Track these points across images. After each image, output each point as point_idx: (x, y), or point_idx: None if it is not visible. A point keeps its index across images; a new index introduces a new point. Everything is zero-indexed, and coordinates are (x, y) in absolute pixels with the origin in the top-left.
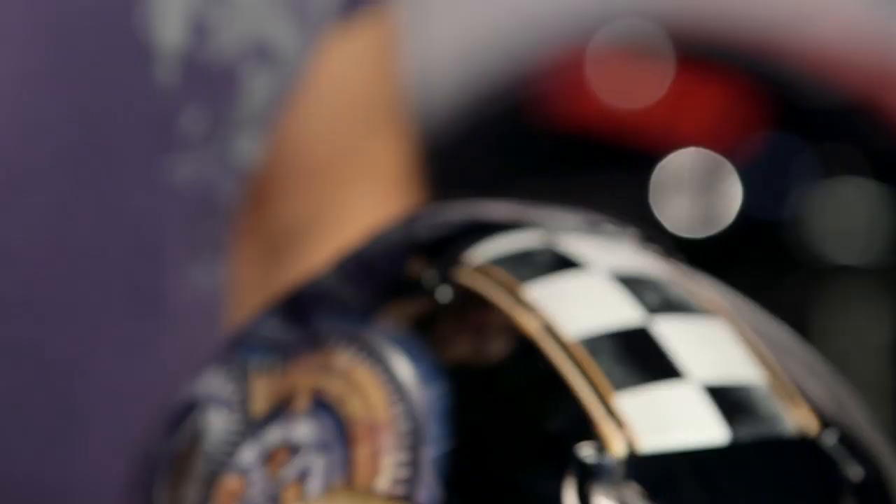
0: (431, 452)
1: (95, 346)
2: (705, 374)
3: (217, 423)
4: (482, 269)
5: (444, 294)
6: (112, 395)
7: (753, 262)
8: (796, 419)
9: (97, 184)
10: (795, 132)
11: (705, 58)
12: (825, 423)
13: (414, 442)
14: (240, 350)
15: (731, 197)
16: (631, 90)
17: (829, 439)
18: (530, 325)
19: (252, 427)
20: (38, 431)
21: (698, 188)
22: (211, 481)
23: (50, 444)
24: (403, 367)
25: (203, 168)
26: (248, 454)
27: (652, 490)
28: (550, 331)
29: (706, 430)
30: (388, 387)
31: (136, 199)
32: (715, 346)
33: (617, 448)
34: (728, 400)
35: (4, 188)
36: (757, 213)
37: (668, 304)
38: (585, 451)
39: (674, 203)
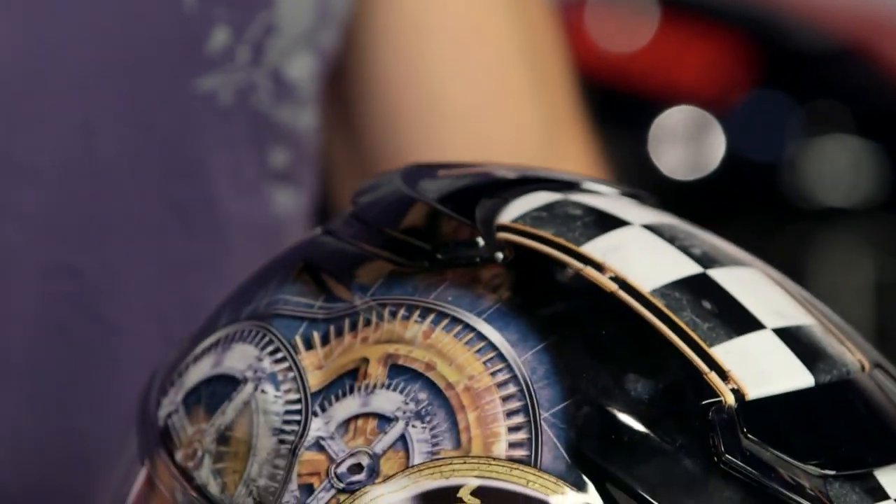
0: (545, 413)
1: (133, 264)
2: (773, 321)
3: (269, 399)
4: (528, 228)
5: (502, 256)
6: (153, 311)
7: (742, 206)
8: (851, 357)
9: (124, 102)
10: (784, 88)
11: (696, 9)
12: (867, 358)
13: (524, 405)
14: (273, 323)
15: (720, 145)
16: (624, 38)
17: (879, 372)
18: (604, 281)
19: (315, 400)
20: (75, 349)
21: (690, 139)
22: (284, 458)
23: (87, 362)
24: (491, 332)
25: (249, 90)
26: (322, 428)
27: (763, 436)
28: (626, 286)
29: (796, 376)
30: (482, 352)
31: (167, 117)
32: (763, 293)
33: (728, 398)
34: (800, 345)
35: (29, 109)
36: (745, 160)
37: (709, 256)
38: (705, 402)
39: (668, 152)
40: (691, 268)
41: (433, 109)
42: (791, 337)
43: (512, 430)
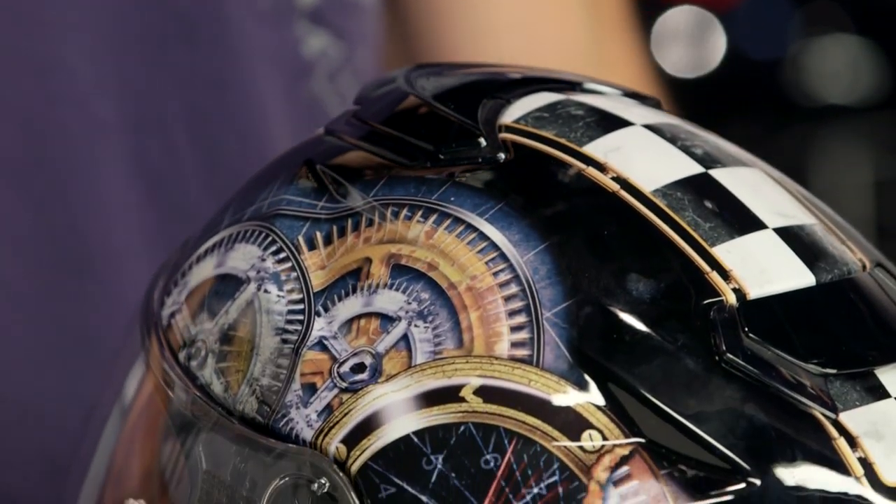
0: (546, 313)
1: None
2: (774, 221)
3: (272, 299)
4: (530, 129)
5: (504, 156)
6: (153, 114)
7: (742, 105)
8: (851, 256)
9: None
10: None
11: None
12: (868, 257)
13: (526, 304)
14: (276, 223)
15: (721, 44)
16: None
17: (880, 271)
18: (606, 181)
19: (317, 300)
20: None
21: (692, 38)
22: (287, 357)
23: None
24: (493, 232)
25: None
26: (324, 328)
27: (764, 335)
28: (627, 186)
29: (797, 275)
30: (484, 252)
31: None
32: (765, 193)
33: (730, 297)
34: (801, 244)
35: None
36: (746, 59)
37: (711, 156)
38: (706, 301)
39: (670, 51)
40: (693, 168)
41: (480, 9)
42: (792, 236)
43: (514, 329)
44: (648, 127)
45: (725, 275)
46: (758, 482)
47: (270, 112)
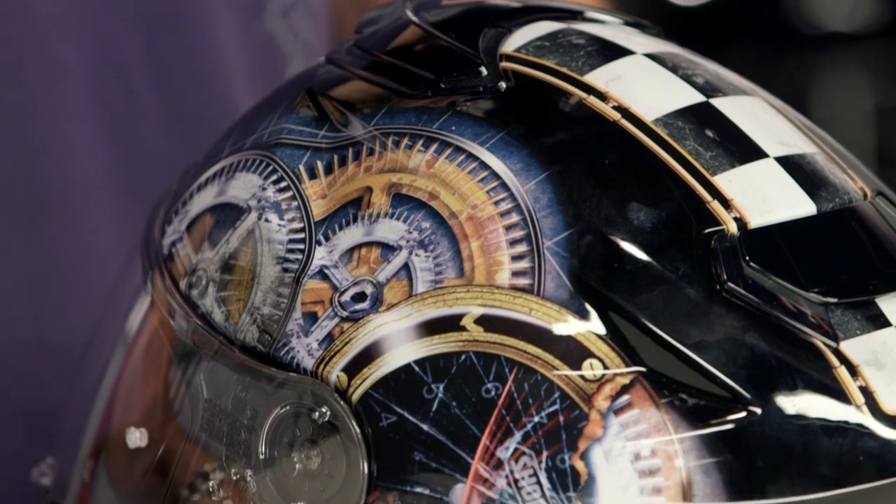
0: (548, 242)
1: None
2: (775, 150)
3: (273, 228)
4: (531, 58)
5: (505, 85)
6: None
7: (743, 33)
8: (853, 185)
9: None
10: None
11: None
12: (868, 186)
13: (527, 234)
14: (276, 152)
15: None
16: None
17: (881, 200)
18: (607, 111)
19: (318, 229)
20: None
21: None
22: (287, 286)
23: None
24: (494, 161)
25: None
26: (325, 257)
27: (765, 264)
28: (629, 115)
29: (798, 204)
30: (485, 181)
31: None
32: (766, 122)
33: (731, 227)
34: (803, 173)
35: None
36: None
37: (712, 85)
38: (708, 231)
39: None
40: (694, 96)
41: None
42: (793, 165)
43: (515, 258)
44: (649, 56)
45: (726, 204)
46: (758, 411)
47: (227, 51)
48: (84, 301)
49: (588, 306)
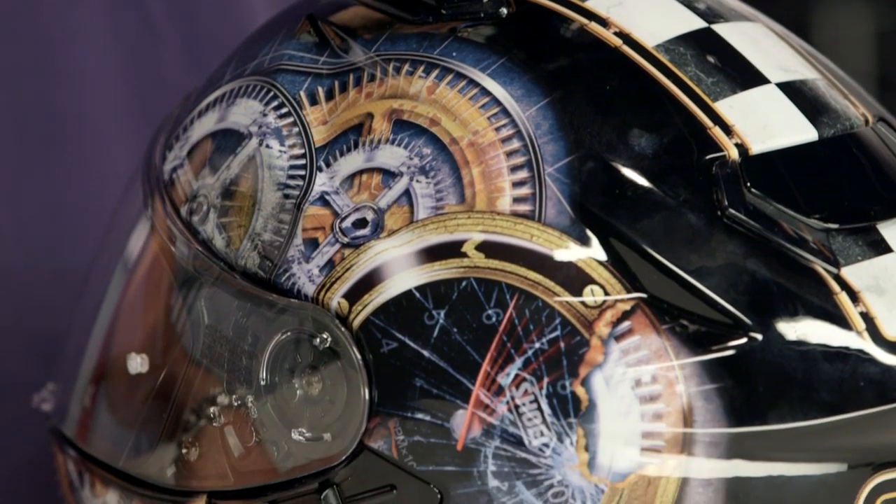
0: (549, 168)
1: None
2: (777, 76)
3: (273, 154)
4: None
5: (506, 11)
6: None
7: None
8: (854, 111)
9: None
10: None
11: None
12: (870, 111)
13: (528, 160)
14: (277, 78)
15: None
16: None
17: (882, 126)
18: (609, 37)
19: (319, 155)
20: None
21: None
22: (288, 212)
23: None
24: (495, 87)
25: None
26: (326, 183)
27: (766, 190)
28: (630, 41)
29: (799, 130)
30: (486, 107)
31: None
32: (767, 48)
33: (732, 153)
34: (804, 99)
35: None
36: None
37: (713, 11)
38: (709, 157)
39: None
40: (695, 22)
41: None
42: (795, 91)
43: (516, 185)
44: None
45: (728, 130)
46: (759, 337)
47: None
48: (99, 230)
49: (589, 232)
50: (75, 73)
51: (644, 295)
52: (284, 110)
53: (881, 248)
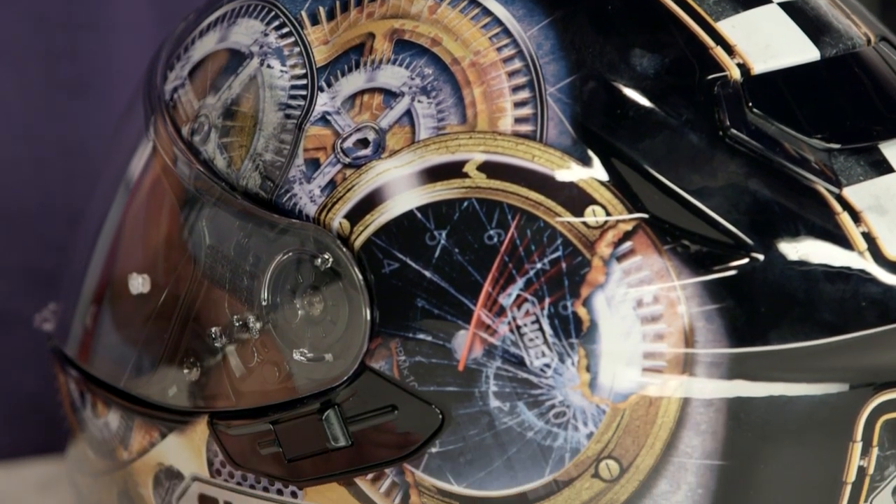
0: (550, 89)
1: None
2: None
3: (275, 74)
4: None
5: None
6: None
7: None
8: (856, 31)
9: None
10: None
11: None
12: (872, 31)
13: (530, 80)
14: None
15: None
16: None
17: (885, 46)
18: None
19: (321, 76)
20: None
21: None
22: (290, 132)
23: None
24: (496, 7)
25: None
26: (327, 103)
27: (768, 111)
28: None
29: (801, 50)
30: (488, 27)
31: None
32: None
33: (734, 73)
34: (806, 18)
35: None
36: None
37: None
38: (711, 77)
39: None
40: None
41: None
42: (796, 10)
43: (517, 105)
44: None
45: (730, 50)
46: (761, 257)
47: None
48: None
49: (590, 153)
50: (104, 20)
51: (645, 215)
52: (286, 30)
53: (883, 167)
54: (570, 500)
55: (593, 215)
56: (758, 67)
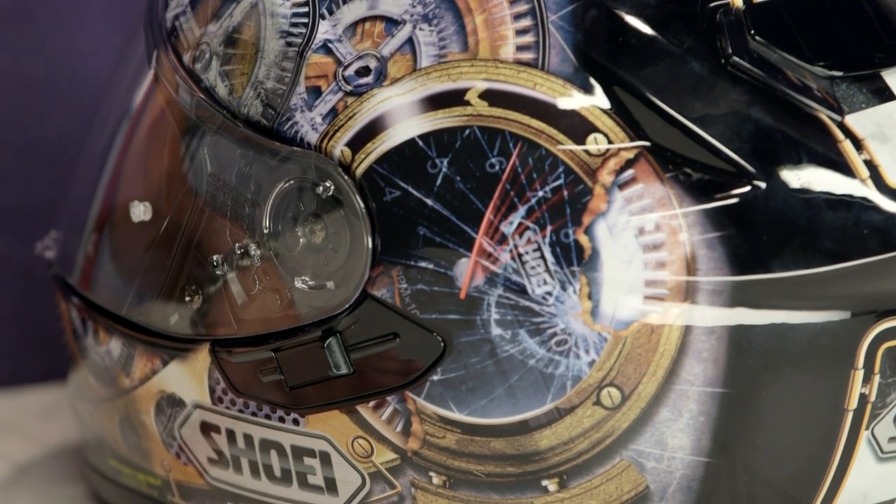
0: (552, 17)
1: None
2: None
3: (276, 1)
4: None
5: None
6: None
7: None
8: None
9: None
10: None
11: None
12: None
13: (531, 8)
14: None
15: None
16: None
17: None
18: None
19: (322, 3)
20: None
21: None
22: (291, 60)
23: None
24: None
25: None
26: (329, 31)
27: (770, 38)
28: None
29: None
30: None
31: None
32: None
33: (736, 0)
34: None
35: None
36: None
37: None
38: (713, 4)
39: None
40: None
41: None
42: None
43: (519, 33)
44: None
45: None
46: (763, 185)
47: None
48: (68, 103)
49: (592, 80)
50: None
51: (647, 143)
52: None
53: (885, 95)
54: (571, 427)
55: (595, 143)
56: None
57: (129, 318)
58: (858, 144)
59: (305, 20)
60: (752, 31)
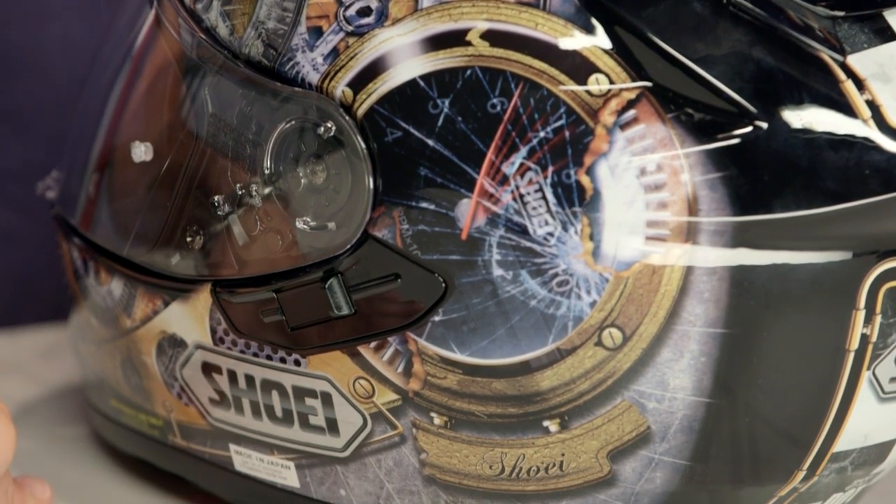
0: None
1: None
2: None
3: None
4: None
5: None
6: None
7: None
8: None
9: None
10: None
11: None
12: None
13: None
14: None
15: None
16: None
17: None
18: None
19: None
20: None
21: None
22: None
23: None
24: None
25: None
26: None
27: None
28: None
29: None
30: None
31: None
32: None
33: None
34: None
35: None
36: None
37: None
38: None
39: None
40: None
41: None
42: None
43: None
44: None
45: None
46: (764, 125)
47: None
48: (35, 69)
49: (594, 21)
50: None
51: (649, 83)
52: None
53: (887, 35)
54: (573, 368)
55: (597, 83)
56: None
57: (131, 259)
58: (860, 84)
59: None
60: None
